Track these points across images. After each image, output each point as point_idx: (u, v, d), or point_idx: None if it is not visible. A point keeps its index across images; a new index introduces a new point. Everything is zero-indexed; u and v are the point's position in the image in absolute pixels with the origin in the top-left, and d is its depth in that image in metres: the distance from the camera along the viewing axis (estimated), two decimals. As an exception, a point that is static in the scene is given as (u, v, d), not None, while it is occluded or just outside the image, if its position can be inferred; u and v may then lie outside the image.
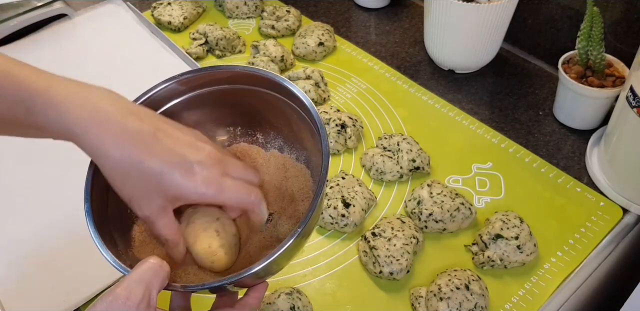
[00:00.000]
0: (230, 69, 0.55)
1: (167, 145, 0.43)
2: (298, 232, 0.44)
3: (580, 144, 0.78)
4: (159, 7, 1.00)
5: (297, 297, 0.60)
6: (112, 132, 0.41)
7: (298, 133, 0.56)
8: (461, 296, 0.59)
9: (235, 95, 0.57)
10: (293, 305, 0.59)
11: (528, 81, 0.87)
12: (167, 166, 0.42)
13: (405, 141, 0.74)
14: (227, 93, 0.57)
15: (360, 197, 0.69)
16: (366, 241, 0.65)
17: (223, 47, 0.92)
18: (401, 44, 0.95)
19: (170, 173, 0.42)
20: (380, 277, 0.64)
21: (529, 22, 0.87)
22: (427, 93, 0.86)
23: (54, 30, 0.95)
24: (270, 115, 0.57)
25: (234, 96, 0.57)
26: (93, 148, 0.41)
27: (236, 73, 0.55)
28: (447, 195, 0.68)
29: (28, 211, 0.70)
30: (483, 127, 0.80)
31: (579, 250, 0.66)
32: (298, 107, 0.53)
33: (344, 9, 1.02)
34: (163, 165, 0.42)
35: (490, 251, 0.64)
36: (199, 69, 0.55)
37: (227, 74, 0.55)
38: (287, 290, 0.61)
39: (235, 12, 1.00)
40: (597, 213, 0.70)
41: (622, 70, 0.74)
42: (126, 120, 0.41)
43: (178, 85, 0.55)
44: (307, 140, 0.55)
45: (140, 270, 0.41)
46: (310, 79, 0.84)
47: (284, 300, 0.59)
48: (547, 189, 0.73)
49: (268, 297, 0.61)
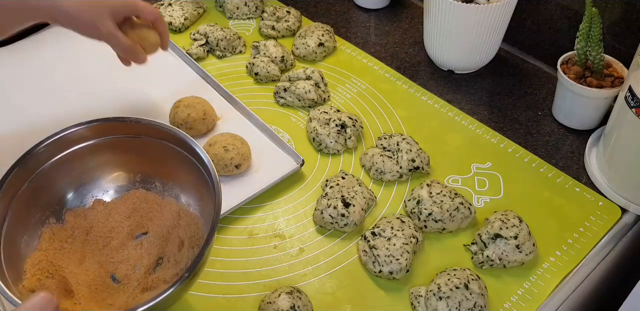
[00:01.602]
0: (137, 121, 0.62)
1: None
2: (185, 276, 0.50)
3: (579, 144, 0.78)
4: (159, 8, 1.00)
5: (297, 296, 0.60)
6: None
7: (195, 184, 0.62)
8: (460, 296, 0.59)
9: (140, 145, 0.64)
10: (293, 304, 0.59)
11: (527, 81, 0.88)
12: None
13: (405, 141, 0.75)
14: (133, 143, 0.64)
15: (360, 196, 0.69)
16: (366, 241, 0.65)
17: (223, 47, 0.92)
18: (401, 45, 0.95)
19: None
20: (380, 276, 0.64)
21: (528, 23, 0.88)
22: (426, 94, 0.86)
23: (55, 30, 0.96)
24: (170, 165, 0.64)
25: (138, 145, 0.64)
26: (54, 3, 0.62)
27: (143, 126, 0.62)
28: (447, 195, 0.68)
29: None
30: (482, 127, 0.81)
31: (578, 250, 0.67)
32: (197, 162, 0.60)
33: (344, 9, 1.02)
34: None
35: (489, 250, 0.64)
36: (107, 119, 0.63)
37: (134, 126, 0.63)
38: (287, 289, 0.61)
39: (235, 12, 1.00)
40: (596, 213, 0.70)
41: (620, 71, 0.74)
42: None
43: (86, 131, 0.63)
44: (204, 192, 0.60)
45: (31, 302, 0.43)
46: (310, 79, 0.85)
47: (284, 299, 0.59)
48: (546, 189, 0.73)
49: (268, 296, 0.61)
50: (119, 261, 0.61)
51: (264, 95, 0.87)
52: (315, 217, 0.69)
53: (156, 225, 0.63)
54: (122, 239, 0.63)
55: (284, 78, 0.86)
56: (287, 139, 0.80)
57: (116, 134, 0.64)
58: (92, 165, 0.65)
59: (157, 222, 0.63)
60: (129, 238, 0.63)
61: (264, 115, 0.80)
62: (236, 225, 0.70)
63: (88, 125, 0.62)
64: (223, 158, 0.71)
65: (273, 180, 0.73)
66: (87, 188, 0.66)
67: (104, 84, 0.87)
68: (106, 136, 0.64)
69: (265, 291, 0.63)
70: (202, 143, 0.76)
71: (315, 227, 0.70)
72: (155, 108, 0.83)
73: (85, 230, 0.63)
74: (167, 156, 0.63)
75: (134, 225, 0.64)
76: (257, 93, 0.87)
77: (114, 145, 0.64)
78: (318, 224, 0.70)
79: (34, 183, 0.61)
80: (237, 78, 0.89)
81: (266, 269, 0.66)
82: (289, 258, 0.67)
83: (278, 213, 0.71)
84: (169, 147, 0.62)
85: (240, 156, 0.72)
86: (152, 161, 0.65)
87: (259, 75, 0.88)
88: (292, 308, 0.59)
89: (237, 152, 0.72)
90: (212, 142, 0.73)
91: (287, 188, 0.74)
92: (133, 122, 0.62)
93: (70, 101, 0.84)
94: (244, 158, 0.73)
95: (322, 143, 0.77)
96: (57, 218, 0.63)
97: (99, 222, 0.64)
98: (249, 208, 0.72)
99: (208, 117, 0.78)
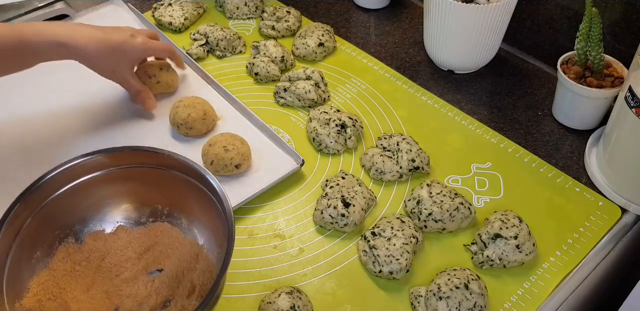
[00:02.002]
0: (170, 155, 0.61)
1: (117, 31, 0.75)
2: None
3: (579, 144, 0.78)
4: (159, 8, 1.00)
5: (297, 296, 0.60)
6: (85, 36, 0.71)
7: (218, 231, 0.59)
8: (460, 296, 0.59)
9: (170, 179, 0.62)
10: (293, 304, 0.59)
11: (527, 81, 0.88)
12: (123, 37, 0.74)
13: (405, 141, 0.75)
14: (164, 175, 0.62)
15: (360, 196, 0.69)
16: (366, 241, 0.65)
17: (223, 47, 0.92)
18: (401, 45, 0.95)
19: (127, 39, 0.74)
20: (380, 276, 0.64)
21: (528, 23, 0.88)
22: (426, 94, 0.86)
23: (55, 30, 0.96)
24: (198, 205, 0.62)
25: (169, 179, 0.62)
26: (77, 49, 0.71)
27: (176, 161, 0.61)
28: (447, 195, 0.68)
29: None
30: (482, 127, 0.81)
31: (578, 250, 0.67)
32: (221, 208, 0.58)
33: (344, 9, 1.03)
34: (120, 37, 0.74)
35: (489, 250, 0.64)
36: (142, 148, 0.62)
37: (167, 158, 0.61)
38: (287, 289, 0.61)
39: (235, 12, 1.00)
40: (596, 213, 0.70)
41: (620, 71, 0.74)
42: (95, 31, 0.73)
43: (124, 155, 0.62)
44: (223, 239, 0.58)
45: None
46: (311, 80, 0.85)
47: (284, 299, 0.59)
48: (546, 189, 0.73)
49: (268, 296, 0.61)
50: (126, 296, 0.59)
51: (264, 95, 0.87)
52: (315, 217, 0.69)
53: (173, 263, 0.61)
54: (136, 272, 0.61)
55: (284, 79, 0.86)
56: (287, 139, 0.80)
57: (150, 164, 0.63)
58: (121, 190, 0.64)
59: (174, 261, 0.61)
60: (143, 273, 0.61)
61: (264, 115, 0.80)
62: (236, 225, 0.70)
63: (134, 149, 0.61)
64: (223, 158, 0.71)
65: (273, 180, 0.73)
66: (113, 213, 0.65)
67: (104, 84, 0.87)
68: (142, 165, 0.63)
69: (265, 291, 0.63)
70: (202, 143, 0.76)
71: (315, 226, 0.70)
72: (155, 108, 0.83)
73: (102, 255, 0.62)
74: (196, 195, 0.61)
75: (151, 259, 0.62)
76: (257, 93, 0.87)
77: (146, 175, 0.63)
78: (318, 224, 0.70)
79: (61, 199, 0.60)
80: (237, 79, 0.89)
81: (266, 269, 0.66)
82: (289, 258, 0.67)
83: (278, 213, 0.71)
84: (199, 187, 0.61)
85: (240, 156, 0.72)
86: (181, 196, 0.63)
87: (259, 75, 0.88)
88: (292, 308, 0.59)
89: (237, 152, 0.72)
90: (212, 142, 0.73)
91: (287, 188, 0.74)
92: (166, 154, 0.61)
93: (70, 101, 0.84)
94: (244, 158, 0.73)
95: (322, 143, 0.77)
96: (77, 238, 0.62)
97: (117, 250, 0.63)
98: (249, 208, 0.72)
99: (208, 117, 0.78)
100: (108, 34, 0.73)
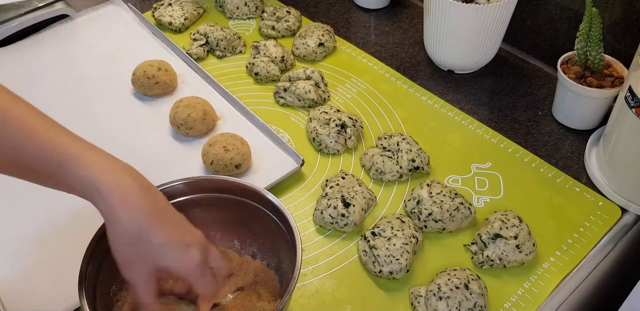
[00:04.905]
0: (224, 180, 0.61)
1: (172, 222, 0.49)
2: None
3: (579, 144, 0.78)
4: (159, 8, 1.00)
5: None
6: (129, 201, 0.46)
7: (274, 241, 0.60)
8: (460, 296, 0.59)
9: (218, 202, 0.62)
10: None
11: (527, 81, 0.88)
12: (168, 240, 0.48)
13: (405, 141, 0.75)
14: (211, 200, 0.62)
15: (360, 196, 0.69)
16: (366, 241, 0.65)
17: (223, 47, 0.92)
18: (401, 45, 0.95)
19: (170, 246, 0.48)
20: (380, 276, 0.64)
21: (528, 23, 0.88)
22: (426, 94, 0.86)
23: (55, 30, 0.96)
24: (249, 223, 0.62)
25: (217, 202, 0.62)
26: (108, 211, 0.47)
27: (222, 183, 0.61)
28: (447, 195, 0.68)
29: (28, 211, 0.71)
30: (482, 127, 0.81)
31: (578, 250, 0.67)
32: (277, 218, 0.59)
33: (344, 9, 1.02)
34: (166, 239, 0.48)
35: (489, 250, 0.64)
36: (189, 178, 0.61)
37: (214, 183, 0.61)
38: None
39: (235, 12, 1.00)
40: (596, 213, 0.70)
41: (620, 71, 0.74)
42: (144, 194, 0.47)
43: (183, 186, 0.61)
44: (281, 249, 0.59)
45: None
46: (311, 80, 0.85)
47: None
48: (546, 189, 0.73)
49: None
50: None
51: (264, 95, 0.87)
52: (315, 217, 0.69)
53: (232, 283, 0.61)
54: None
55: (284, 79, 0.86)
56: (287, 139, 0.80)
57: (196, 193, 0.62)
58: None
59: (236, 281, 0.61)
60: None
61: (264, 115, 0.80)
62: (236, 225, 0.70)
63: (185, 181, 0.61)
64: (223, 158, 0.71)
65: (273, 180, 0.73)
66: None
67: (104, 84, 0.87)
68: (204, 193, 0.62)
69: (265, 291, 0.63)
70: (202, 143, 0.76)
71: (315, 226, 0.70)
72: (155, 108, 0.83)
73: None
74: (245, 213, 0.61)
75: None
76: (257, 93, 0.87)
77: (195, 202, 0.62)
78: (318, 224, 0.70)
79: None
80: (237, 79, 0.89)
81: (266, 269, 0.66)
82: (289, 258, 0.67)
83: (278, 213, 0.71)
84: (247, 203, 0.61)
85: (240, 156, 0.72)
86: (231, 219, 0.63)
87: (259, 75, 0.88)
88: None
89: (237, 152, 0.72)
90: (212, 142, 0.73)
91: (287, 188, 0.74)
92: (220, 180, 0.61)
93: (70, 101, 0.84)
94: (244, 158, 0.73)
95: (322, 143, 0.77)
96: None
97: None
98: (249, 208, 0.72)
99: (208, 117, 0.78)
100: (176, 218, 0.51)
